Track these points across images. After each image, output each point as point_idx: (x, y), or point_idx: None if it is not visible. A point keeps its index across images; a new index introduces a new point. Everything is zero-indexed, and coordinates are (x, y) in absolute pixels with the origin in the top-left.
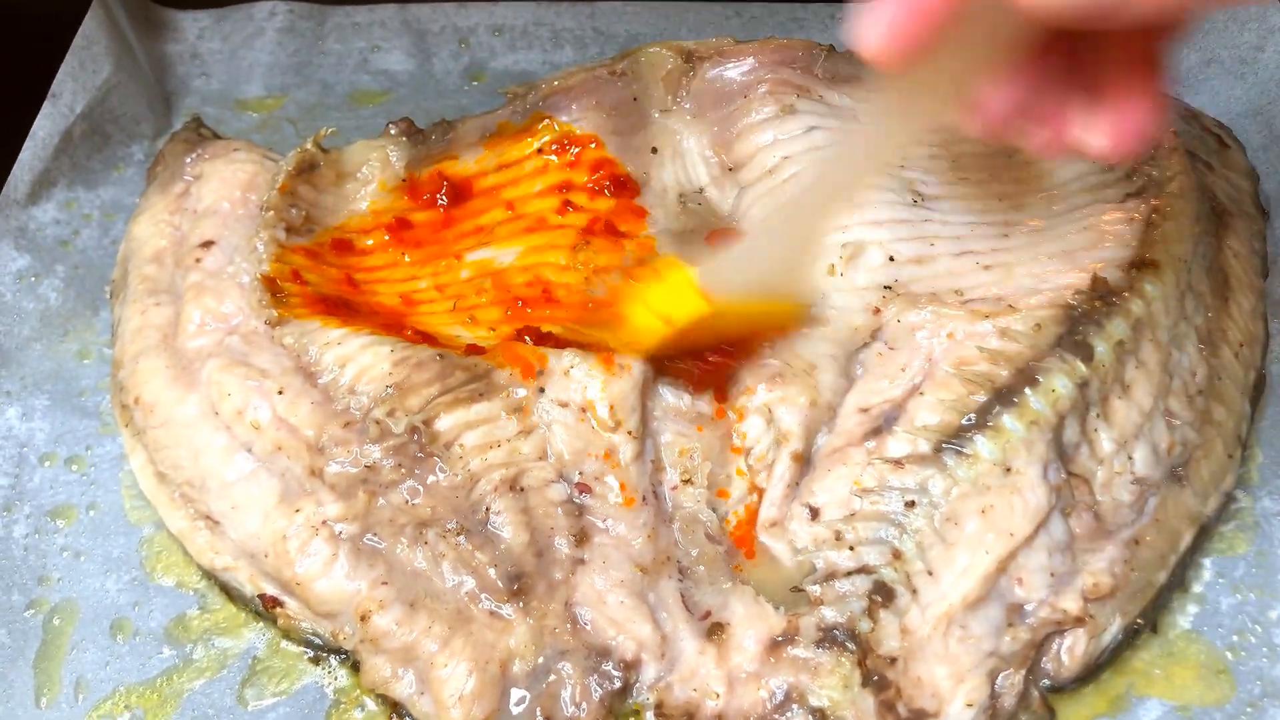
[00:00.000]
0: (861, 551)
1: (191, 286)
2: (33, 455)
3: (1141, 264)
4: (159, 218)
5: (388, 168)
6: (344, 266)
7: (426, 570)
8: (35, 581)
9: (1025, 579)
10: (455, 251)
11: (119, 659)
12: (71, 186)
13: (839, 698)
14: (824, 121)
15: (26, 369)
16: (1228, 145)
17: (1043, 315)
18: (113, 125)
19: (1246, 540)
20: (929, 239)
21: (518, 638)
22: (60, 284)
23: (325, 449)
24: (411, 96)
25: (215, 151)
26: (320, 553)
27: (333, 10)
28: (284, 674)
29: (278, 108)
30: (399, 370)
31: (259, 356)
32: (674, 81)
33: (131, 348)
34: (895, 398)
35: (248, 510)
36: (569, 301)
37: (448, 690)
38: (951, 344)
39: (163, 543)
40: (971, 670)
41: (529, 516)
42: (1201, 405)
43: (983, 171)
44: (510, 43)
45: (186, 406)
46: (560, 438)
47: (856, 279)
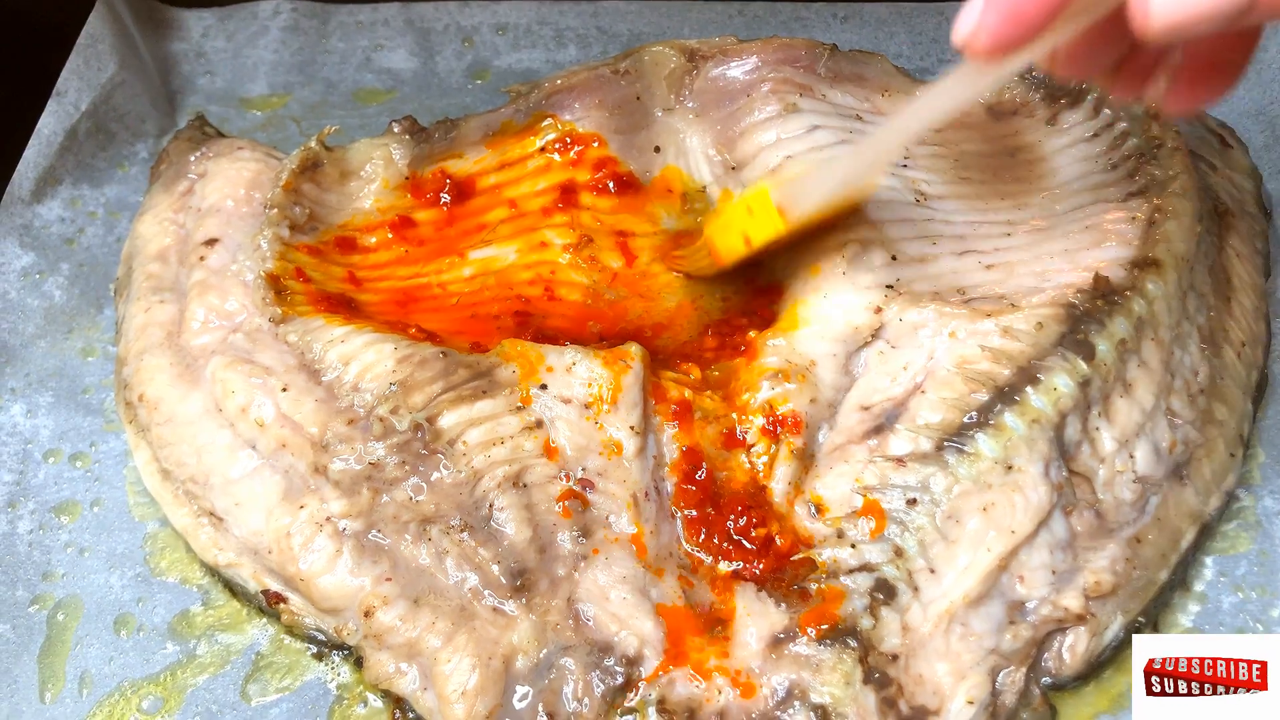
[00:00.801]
0: (863, 549)
1: (195, 284)
2: (37, 452)
3: (1144, 263)
4: (163, 215)
5: (391, 166)
6: (347, 264)
7: (430, 566)
8: (39, 577)
9: (1027, 577)
10: (458, 249)
11: (123, 654)
12: (76, 184)
13: (840, 694)
14: (827, 120)
15: (31, 366)
16: (1230, 145)
17: (1044, 314)
18: (117, 123)
19: (1248, 539)
20: (931, 238)
21: (520, 634)
22: (65, 281)
23: (329, 446)
24: (415, 95)
25: (219, 150)
26: (324, 549)
27: (336, 9)
28: (287, 670)
29: (281, 106)
30: (402, 368)
31: (263, 354)
32: (677, 80)
33: (135, 345)
34: (897, 396)
35: (251, 507)
36: (571, 299)
37: (451, 686)
38: (953, 342)
39: (166, 539)
40: (973, 667)
41: (532, 513)
42: (1203, 404)
43: (985, 171)
44: (513, 41)
45: (190, 404)
46: (563, 434)
47: (859, 278)
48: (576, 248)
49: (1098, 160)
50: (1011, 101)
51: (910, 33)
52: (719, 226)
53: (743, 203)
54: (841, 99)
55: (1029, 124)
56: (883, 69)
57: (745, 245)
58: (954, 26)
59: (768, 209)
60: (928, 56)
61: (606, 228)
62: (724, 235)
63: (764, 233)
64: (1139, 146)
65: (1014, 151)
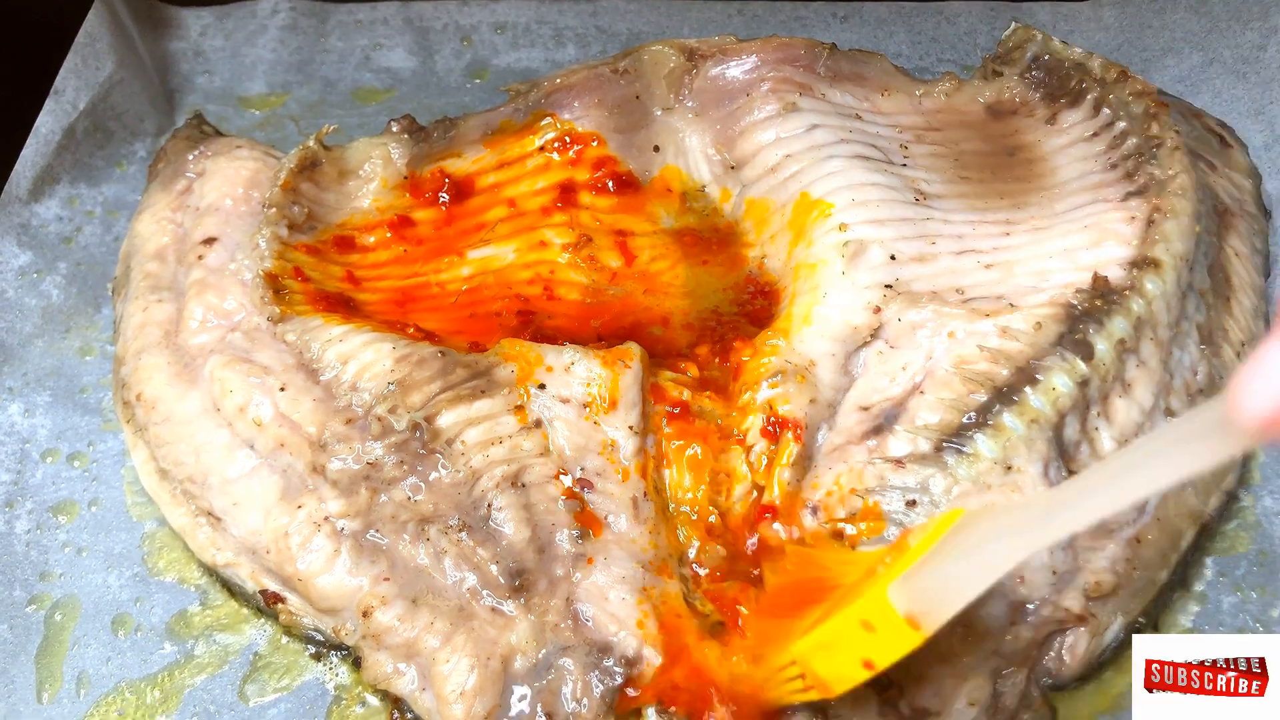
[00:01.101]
0: (863, 549)
1: (194, 283)
2: (35, 451)
3: (1143, 263)
4: (161, 215)
5: (389, 165)
6: (346, 264)
7: (428, 566)
8: (37, 577)
9: (1027, 577)
10: (457, 249)
11: (120, 654)
12: (74, 183)
13: (841, 696)
14: (826, 120)
15: (29, 365)
16: (1230, 144)
17: (1043, 314)
18: (115, 122)
19: (1248, 539)
20: (930, 237)
21: (519, 634)
22: (62, 281)
23: (327, 445)
24: (414, 94)
25: (217, 149)
26: (322, 549)
27: (335, 8)
28: (285, 670)
29: (280, 105)
30: (401, 367)
31: (261, 353)
32: (676, 79)
33: (133, 344)
34: (896, 396)
35: (249, 507)
36: (570, 298)
37: (449, 686)
38: (952, 343)
39: (164, 539)
40: (974, 669)
41: (530, 513)
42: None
43: (984, 170)
44: (513, 40)
45: (188, 403)
46: (562, 434)
47: (858, 277)
48: (575, 247)
49: (1097, 160)
50: (1011, 100)
51: (910, 32)
52: (816, 648)
53: (852, 616)
54: (841, 98)
55: (1028, 123)
56: (882, 68)
57: (867, 670)
58: (1239, 390)
59: (893, 623)
60: (927, 56)
61: (605, 227)
62: (830, 659)
63: (893, 653)
64: (1138, 146)
65: (1013, 151)
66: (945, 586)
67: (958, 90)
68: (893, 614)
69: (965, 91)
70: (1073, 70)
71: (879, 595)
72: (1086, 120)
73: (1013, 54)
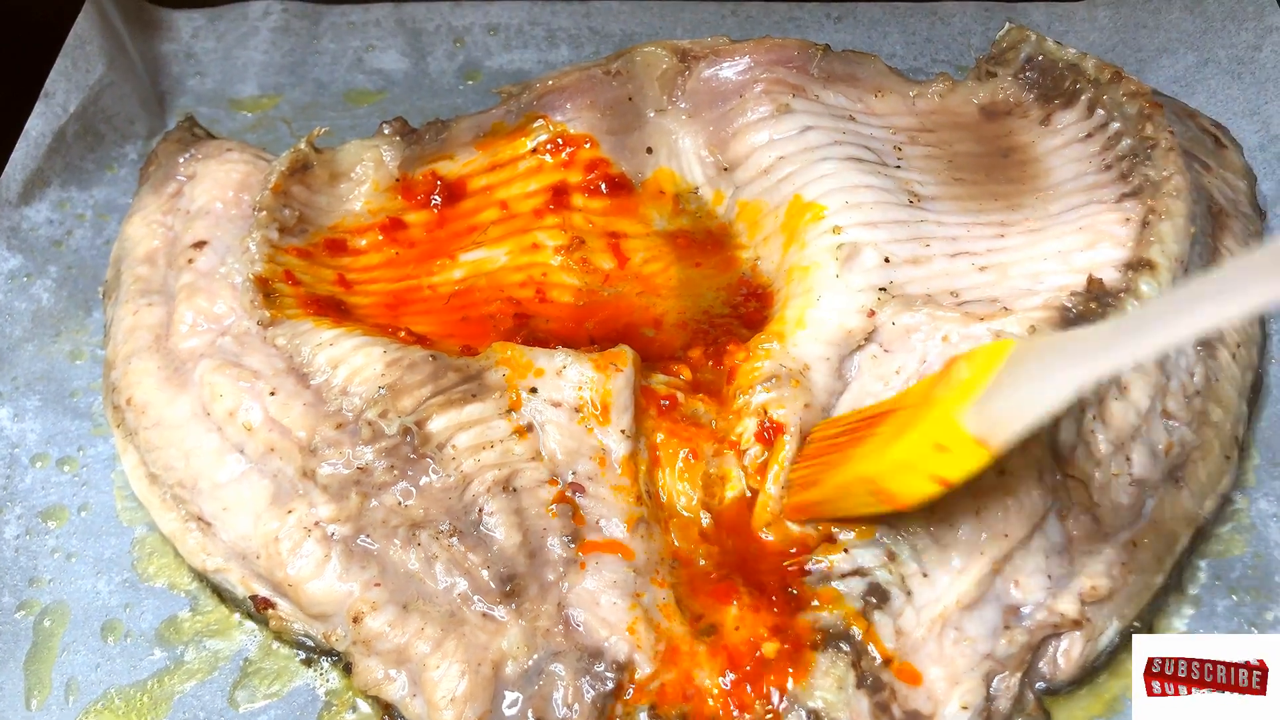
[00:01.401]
0: (856, 554)
1: (184, 287)
2: (24, 456)
3: (1138, 264)
4: (152, 218)
5: (381, 168)
6: (337, 267)
7: (419, 572)
8: (26, 583)
9: (1022, 581)
10: (449, 251)
11: (110, 661)
12: (64, 186)
13: (833, 699)
14: (819, 121)
15: (18, 369)
16: (1225, 145)
17: (1037, 317)
18: (106, 125)
19: (1243, 542)
20: (924, 240)
21: (510, 639)
22: (53, 284)
23: (317, 450)
24: (406, 96)
25: (208, 151)
26: (312, 554)
27: (327, 9)
28: (276, 676)
29: (272, 107)
30: (391, 371)
31: (251, 357)
32: (669, 81)
33: (124, 348)
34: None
35: (239, 511)
36: (562, 301)
37: (440, 692)
38: (946, 346)
39: (154, 544)
40: (967, 672)
41: (521, 517)
42: (1199, 406)
43: (979, 171)
44: (505, 42)
45: (178, 407)
46: (553, 438)
47: (852, 280)
48: (568, 249)
49: (1091, 161)
50: (1005, 101)
51: (904, 33)
52: (892, 466)
53: (923, 438)
54: (834, 100)
55: (1022, 124)
56: (876, 69)
57: (939, 485)
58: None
59: (965, 443)
60: (921, 57)
61: (598, 229)
62: (904, 477)
63: (964, 469)
64: (1133, 147)
65: (1007, 152)
66: (1012, 410)
67: (952, 91)
68: (965, 435)
69: (959, 92)
70: (1067, 71)
71: (950, 420)
72: (1081, 121)
73: (1007, 54)
